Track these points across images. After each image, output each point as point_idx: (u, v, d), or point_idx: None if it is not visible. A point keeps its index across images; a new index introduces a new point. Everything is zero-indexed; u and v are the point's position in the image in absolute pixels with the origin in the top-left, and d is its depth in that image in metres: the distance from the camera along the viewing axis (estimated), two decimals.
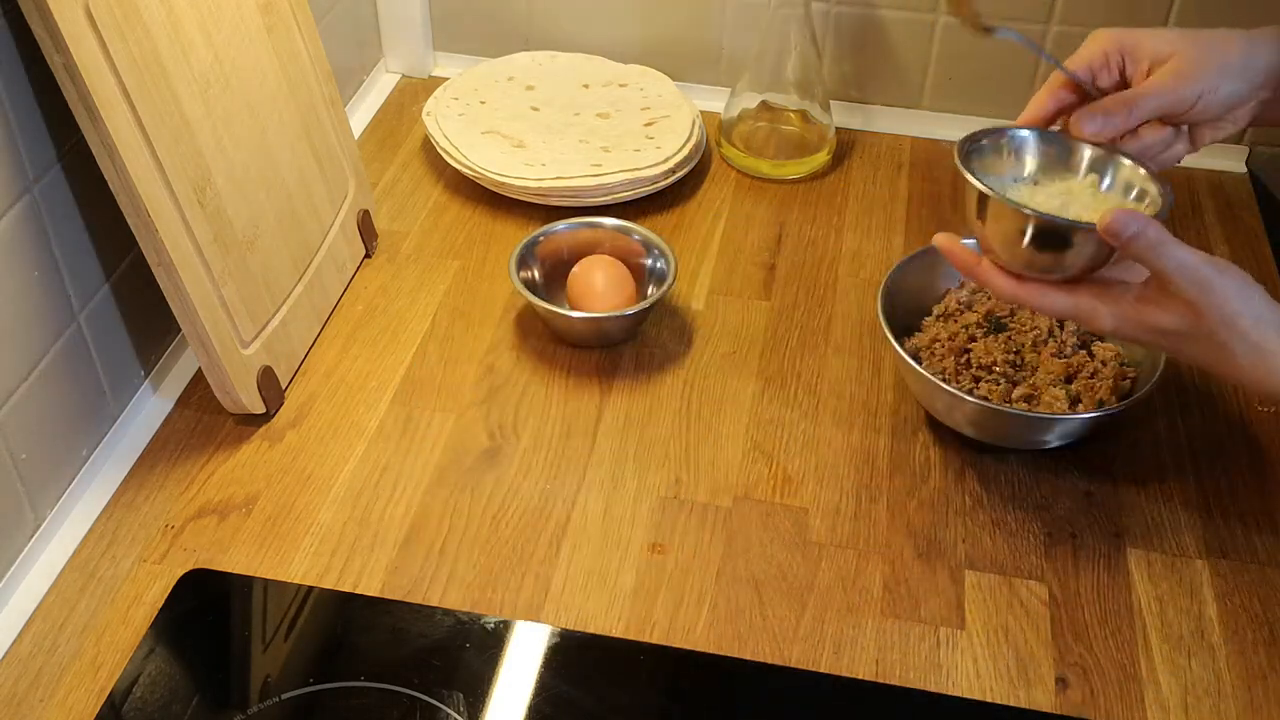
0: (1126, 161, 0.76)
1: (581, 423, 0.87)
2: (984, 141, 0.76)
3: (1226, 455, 0.86)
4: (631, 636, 0.74)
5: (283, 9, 0.90)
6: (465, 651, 0.72)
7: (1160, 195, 0.73)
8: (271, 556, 0.78)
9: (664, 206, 1.08)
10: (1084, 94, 0.77)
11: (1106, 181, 0.76)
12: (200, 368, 0.84)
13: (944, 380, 0.82)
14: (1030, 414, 0.80)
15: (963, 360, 0.85)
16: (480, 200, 1.08)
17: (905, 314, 0.89)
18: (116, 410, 0.85)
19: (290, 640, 0.73)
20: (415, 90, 1.23)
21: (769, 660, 0.73)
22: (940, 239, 0.76)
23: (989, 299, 0.88)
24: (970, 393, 0.81)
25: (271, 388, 0.86)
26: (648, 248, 0.96)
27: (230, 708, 0.69)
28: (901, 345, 0.84)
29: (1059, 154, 0.77)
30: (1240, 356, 0.68)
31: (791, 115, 1.12)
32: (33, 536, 0.77)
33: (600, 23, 1.20)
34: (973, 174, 0.73)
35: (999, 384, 0.83)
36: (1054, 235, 0.70)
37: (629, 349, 0.93)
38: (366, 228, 1.01)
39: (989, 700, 0.71)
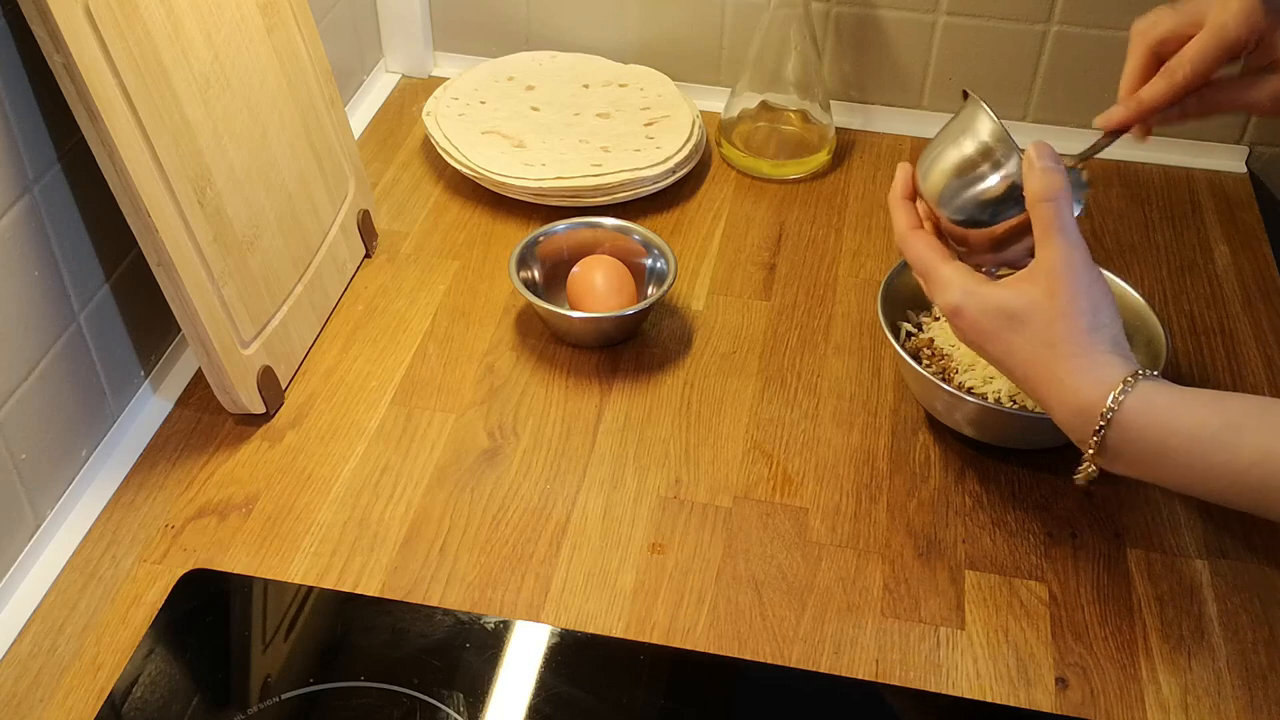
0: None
1: (581, 423, 0.87)
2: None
3: None
4: (631, 636, 0.74)
5: (283, 9, 0.90)
6: (465, 651, 0.72)
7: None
8: (271, 556, 0.78)
9: (664, 206, 1.08)
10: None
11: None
12: (200, 368, 0.84)
13: (944, 380, 0.82)
14: (1030, 414, 0.80)
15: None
16: (480, 200, 1.08)
17: (905, 314, 0.89)
18: (116, 410, 0.85)
19: (290, 640, 0.73)
20: (415, 90, 1.23)
21: (769, 660, 0.73)
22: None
23: None
24: (970, 392, 0.81)
25: (271, 388, 0.86)
26: (648, 248, 0.96)
27: (230, 708, 0.69)
28: (901, 345, 0.84)
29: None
30: (1065, 358, 0.65)
31: (791, 115, 1.12)
32: (33, 536, 0.77)
33: (600, 23, 1.20)
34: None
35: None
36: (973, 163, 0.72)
37: (629, 349, 0.93)
38: (366, 228, 1.01)
39: (989, 700, 0.71)
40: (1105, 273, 0.88)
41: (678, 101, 1.14)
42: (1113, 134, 0.78)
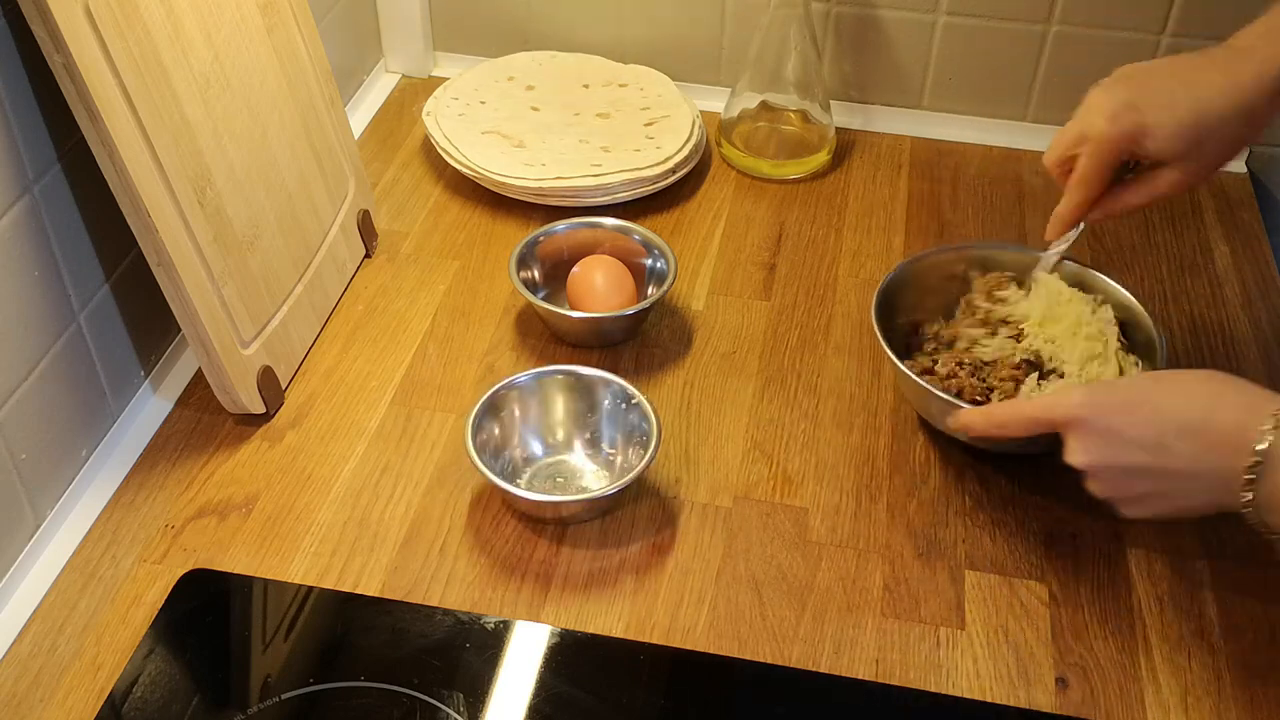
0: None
1: None
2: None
3: None
4: (631, 636, 0.74)
5: (283, 9, 0.90)
6: (465, 651, 0.72)
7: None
8: (271, 556, 0.78)
9: (664, 206, 1.08)
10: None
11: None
12: (200, 368, 0.84)
13: (943, 385, 0.82)
14: None
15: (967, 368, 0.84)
16: (480, 200, 1.08)
17: (903, 316, 0.89)
18: (116, 410, 0.85)
19: (290, 640, 0.73)
20: (415, 90, 1.23)
21: (769, 660, 0.73)
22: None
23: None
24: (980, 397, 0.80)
25: (271, 388, 0.86)
26: (648, 248, 0.96)
27: (230, 708, 0.69)
28: (900, 348, 0.84)
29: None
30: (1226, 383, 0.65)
31: (791, 115, 1.12)
32: (33, 536, 0.77)
33: (600, 23, 1.20)
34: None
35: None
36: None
37: (629, 349, 0.93)
38: (366, 228, 1.01)
39: (989, 700, 0.71)
40: (1099, 274, 0.88)
41: (678, 101, 1.14)
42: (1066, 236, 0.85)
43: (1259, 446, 0.61)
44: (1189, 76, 0.75)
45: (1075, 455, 0.69)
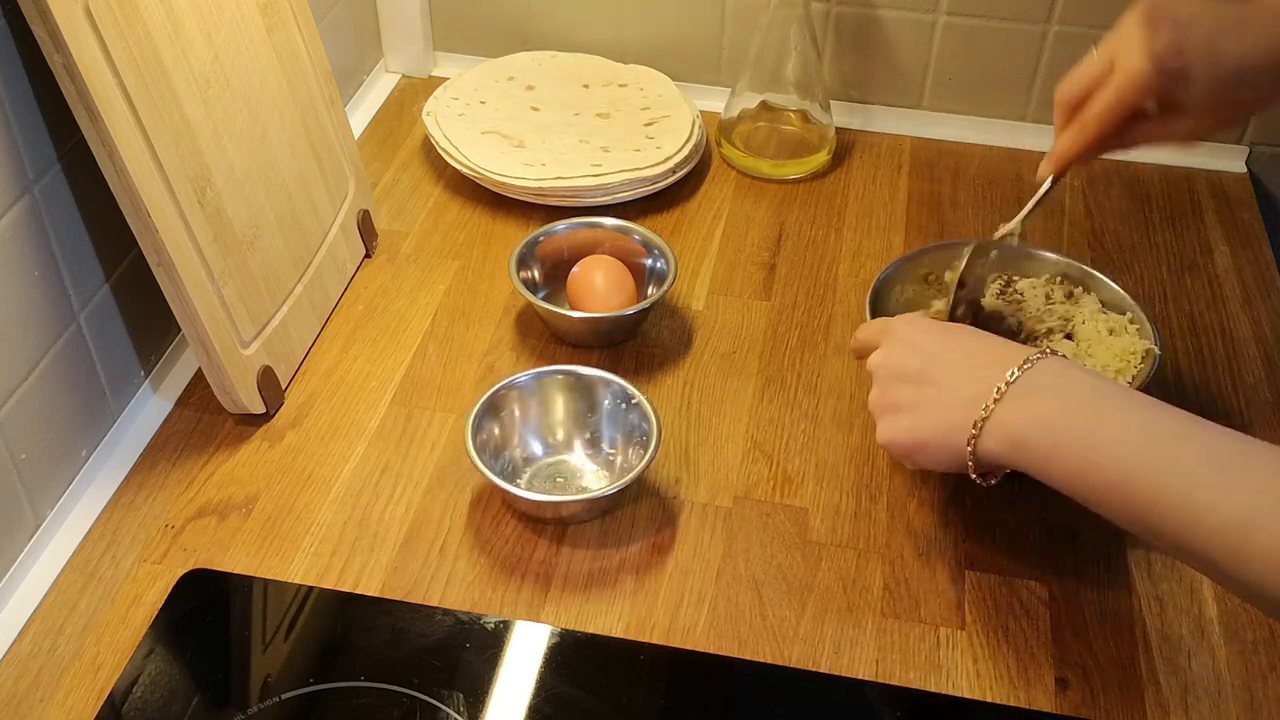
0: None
1: None
2: None
3: None
4: (631, 636, 0.74)
5: (283, 9, 0.90)
6: (465, 651, 0.72)
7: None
8: (271, 556, 0.78)
9: (664, 206, 1.08)
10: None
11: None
12: (200, 368, 0.84)
13: None
14: None
15: None
16: (480, 200, 1.08)
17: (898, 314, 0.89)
18: (116, 410, 0.85)
19: (290, 640, 0.73)
20: (415, 90, 1.23)
21: (769, 660, 0.73)
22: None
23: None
24: None
25: (271, 388, 0.86)
26: (648, 248, 0.96)
27: (230, 708, 0.69)
28: None
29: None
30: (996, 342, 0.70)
31: (791, 115, 1.12)
32: (33, 536, 0.77)
33: (600, 23, 1.20)
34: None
35: None
36: None
37: (629, 349, 0.93)
38: (366, 228, 1.01)
39: (989, 700, 0.71)
40: (1098, 274, 0.89)
41: (678, 101, 1.14)
42: (1050, 183, 0.81)
43: (1008, 374, 0.65)
44: (1233, 29, 0.70)
45: (872, 358, 0.73)
